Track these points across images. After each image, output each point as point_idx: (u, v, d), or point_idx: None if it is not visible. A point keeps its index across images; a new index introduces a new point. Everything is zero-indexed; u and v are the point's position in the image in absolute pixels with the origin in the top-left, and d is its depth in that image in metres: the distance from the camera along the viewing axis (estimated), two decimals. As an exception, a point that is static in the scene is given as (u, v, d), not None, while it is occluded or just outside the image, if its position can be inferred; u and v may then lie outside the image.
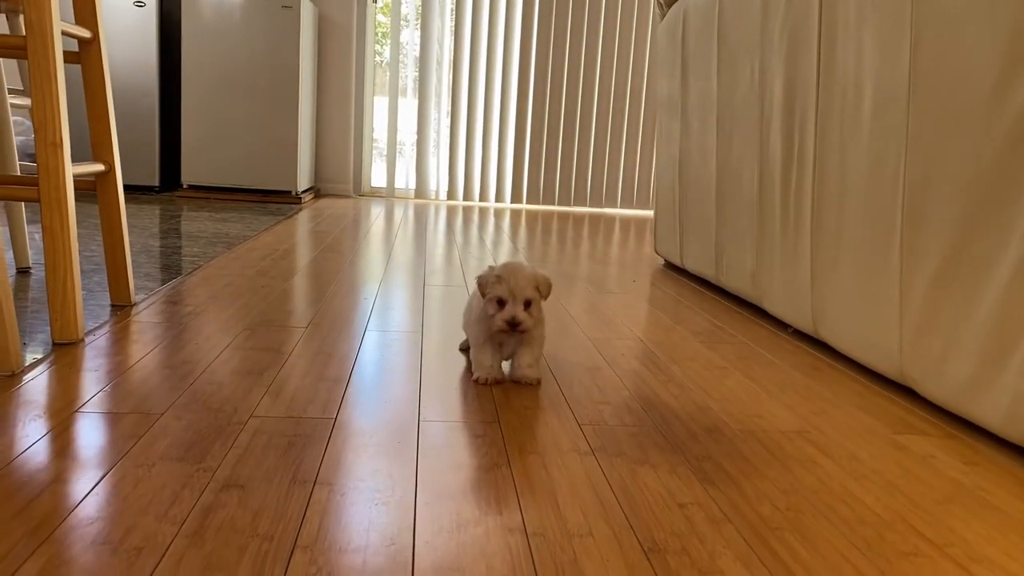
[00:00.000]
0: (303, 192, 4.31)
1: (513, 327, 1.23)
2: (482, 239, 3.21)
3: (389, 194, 4.95)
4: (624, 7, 4.77)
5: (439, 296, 1.98)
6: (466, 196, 4.92)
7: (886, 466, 1.03)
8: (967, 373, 1.14)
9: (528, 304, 1.24)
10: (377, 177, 5.03)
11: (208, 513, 0.80)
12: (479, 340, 1.29)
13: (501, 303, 1.24)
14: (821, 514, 0.88)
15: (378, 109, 4.93)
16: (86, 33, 1.52)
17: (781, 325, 1.85)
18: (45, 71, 1.32)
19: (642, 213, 4.91)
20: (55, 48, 1.32)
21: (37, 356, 1.28)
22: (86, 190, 1.61)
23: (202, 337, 1.45)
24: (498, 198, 4.94)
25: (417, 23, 4.78)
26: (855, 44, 1.45)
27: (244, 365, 1.30)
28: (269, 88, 4.05)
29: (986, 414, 1.11)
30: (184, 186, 4.10)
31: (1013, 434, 1.07)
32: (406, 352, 1.44)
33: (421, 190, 4.91)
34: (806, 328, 1.67)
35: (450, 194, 4.90)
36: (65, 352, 1.31)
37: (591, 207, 4.99)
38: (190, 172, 4.08)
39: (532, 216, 4.32)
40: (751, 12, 1.92)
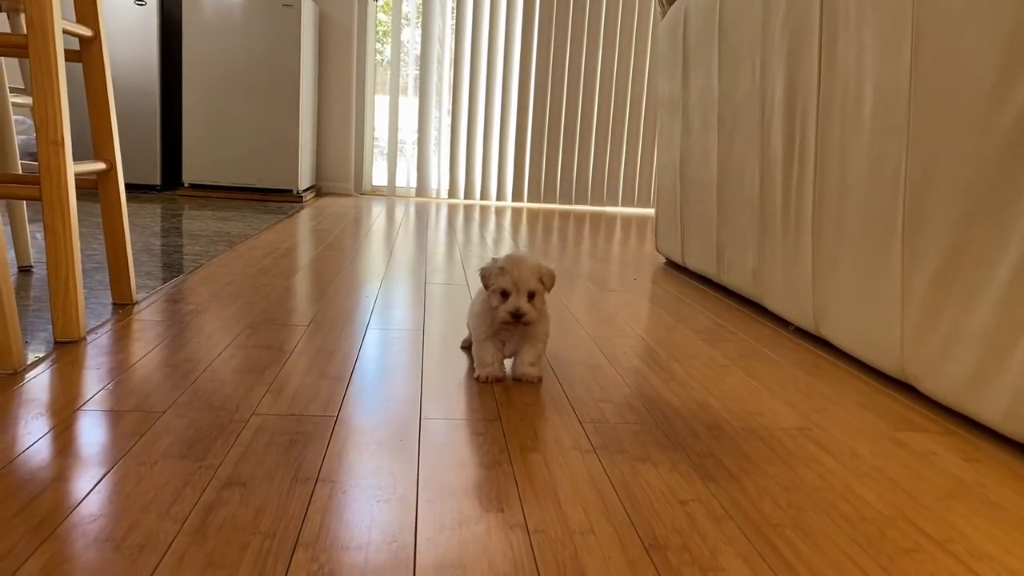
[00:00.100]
0: (304, 191, 4.32)
1: (517, 318, 1.22)
2: (483, 237, 3.21)
3: (390, 193, 4.96)
4: (625, 5, 4.77)
5: (440, 294, 1.98)
6: (467, 194, 4.92)
7: (887, 463, 1.03)
8: (968, 370, 1.14)
9: (532, 296, 1.24)
10: (378, 176, 5.03)
11: (210, 511, 0.80)
12: (481, 335, 1.29)
13: (505, 295, 1.24)
14: (822, 511, 0.88)
15: (379, 107, 4.93)
16: (87, 31, 1.52)
17: (782, 323, 1.85)
18: (46, 69, 1.32)
19: (643, 211, 4.91)
20: (56, 46, 1.32)
21: (39, 354, 1.28)
22: (87, 189, 1.62)
23: (204, 335, 1.46)
24: (499, 196, 4.94)
25: (418, 21, 4.78)
26: (856, 43, 1.44)
27: (246, 363, 1.30)
28: (270, 87, 4.05)
29: (987, 411, 1.11)
30: (185, 185, 4.10)
31: (1013, 431, 1.07)
32: (407, 350, 1.45)
33: (422, 188, 4.91)
34: (807, 326, 1.67)
35: (451, 192, 4.90)
36: (67, 350, 1.31)
37: (592, 205, 4.99)
38: (191, 171, 4.08)
39: (533, 214, 4.32)
40: (752, 11, 1.92)
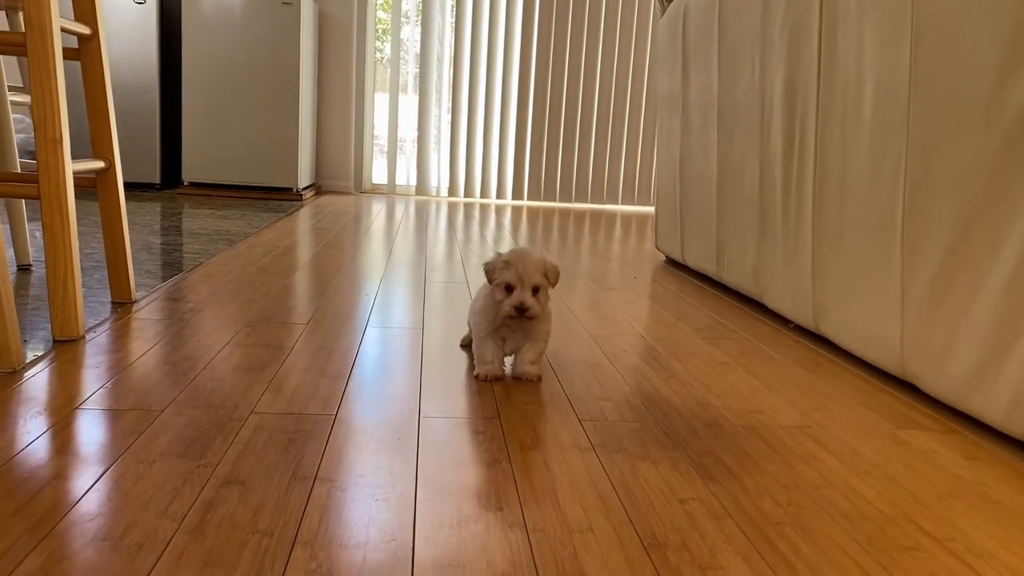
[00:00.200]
0: (304, 189, 4.31)
1: (521, 312, 1.22)
2: (483, 235, 3.21)
3: (390, 191, 4.95)
4: (625, 3, 4.76)
5: (440, 292, 1.98)
6: (467, 192, 4.91)
7: (887, 461, 1.03)
8: (968, 368, 1.14)
9: (536, 290, 1.24)
10: (378, 174, 5.03)
11: (208, 509, 0.80)
12: (483, 332, 1.29)
13: (509, 289, 1.23)
14: (822, 509, 0.88)
15: (379, 105, 4.92)
16: (85, 30, 1.52)
17: (782, 321, 1.85)
18: (44, 68, 1.32)
19: (643, 209, 4.91)
20: (54, 45, 1.32)
21: (38, 353, 1.28)
22: (86, 187, 1.61)
23: (203, 334, 1.45)
24: (499, 194, 4.94)
25: (418, 19, 4.77)
26: (856, 40, 1.44)
27: (245, 361, 1.30)
28: (270, 85, 4.05)
29: (987, 409, 1.11)
30: (185, 183, 4.10)
31: (1014, 429, 1.07)
32: (407, 348, 1.44)
33: (422, 187, 4.91)
34: (807, 324, 1.67)
35: (451, 191, 4.90)
36: (66, 349, 1.31)
37: (592, 203, 4.98)
38: (191, 169, 4.08)
39: (533, 212, 4.32)
40: (752, 7, 1.91)
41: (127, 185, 3.98)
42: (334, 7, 4.60)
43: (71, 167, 1.39)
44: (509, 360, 1.33)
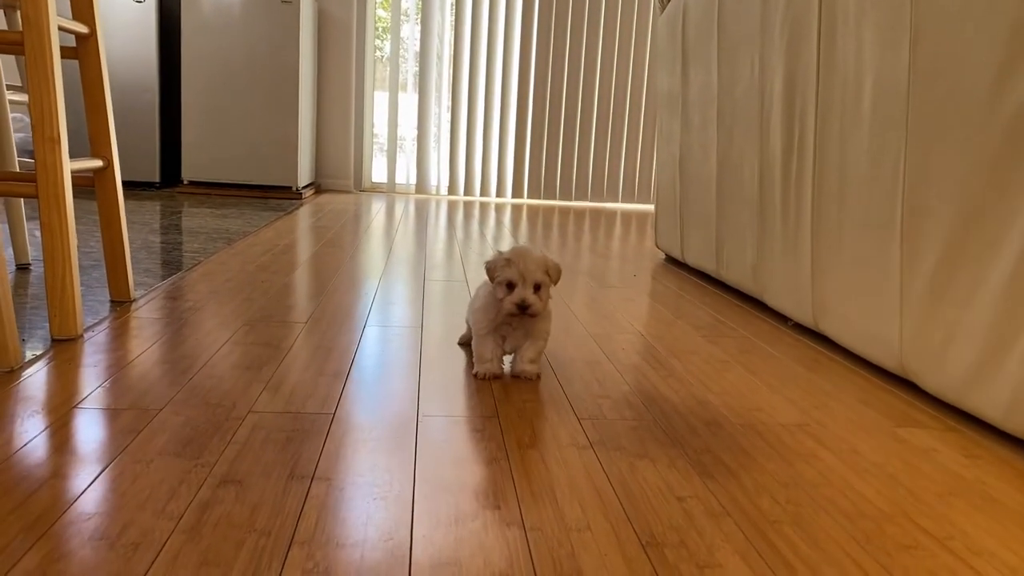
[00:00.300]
0: (304, 188, 4.31)
1: (523, 310, 1.22)
2: (483, 234, 3.21)
3: (390, 189, 4.95)
4: (624, 1, 4.76)
5: (439, 291, 1.97)
6: (467, 191, 4.91)
7: (887, 459, 1.03)
8: (968, 366, 1.14)
9: (538, 288, 1.24)
10: (378, 172, 5.02)
11: (205, 508, 0.79)
12: (482, 330, 1.29)
13: (510, 287, 1.23)
14: (821, 507, 0.88)
15: (378, 104, 4.92)
16: (83, 29, 1.52)
17: (782, 319, 1.85)
18: (42, 67, 1.31)
19: (643, 207, 4.90)
20: (52, 44, 1.32)
21: (36, 352, 1.28)
22: (85, 186, 1.61)
23: (202, 332, 1.45)
24: (499, 193, 4.94)
25: (417, 18, 4.77)
26: (855, 38, 1.44)
27: (243, 360, 1.30)
28: (269, 83, 4.05)
29: (987, 407, 1.11)
30: (184, 182, 4.10)
31: (1014, 427, 1.06)
32: (406, 347, 1.44)
33: (422, 185, 4.91)
34: (807, 322, 1.67)
35: (451, 189, 4.89)
36: (64, 348, 1.31)
37: (592, 201, 4.98)
38: (190, 168, 4.08)
39: (533, 211, 4.31)
40: (751, 5, 1.91)
41: (127, 184, 3.98)
42: (334, 5, 4.59)
43: (69, 166, 1.38)
44: (508, 358, 1.33)
